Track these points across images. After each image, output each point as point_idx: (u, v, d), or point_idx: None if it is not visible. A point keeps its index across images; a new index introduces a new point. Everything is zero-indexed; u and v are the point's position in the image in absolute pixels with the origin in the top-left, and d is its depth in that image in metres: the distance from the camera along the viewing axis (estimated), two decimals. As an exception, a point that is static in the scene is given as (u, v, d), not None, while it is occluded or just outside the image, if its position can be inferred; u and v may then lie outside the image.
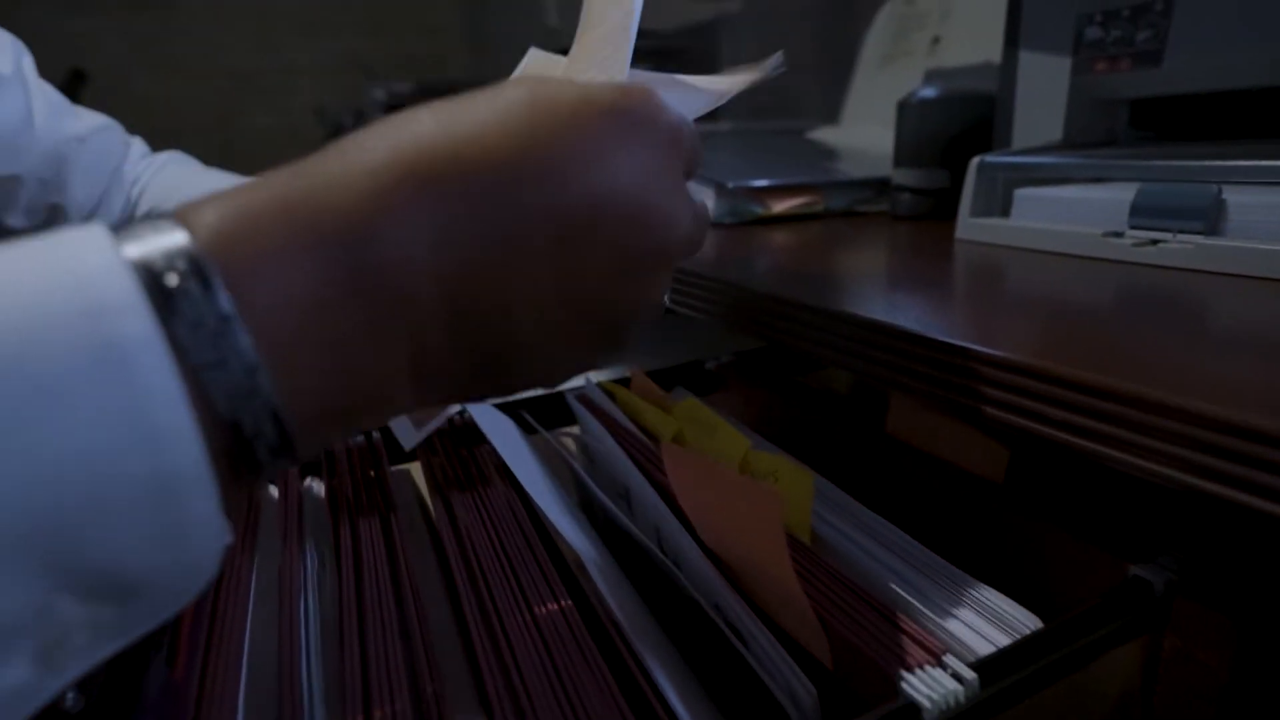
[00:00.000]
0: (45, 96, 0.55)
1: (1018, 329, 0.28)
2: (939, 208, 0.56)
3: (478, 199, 0.18)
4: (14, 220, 0.53)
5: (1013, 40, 0.54)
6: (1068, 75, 0.49)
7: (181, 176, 0.59)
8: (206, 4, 2.36)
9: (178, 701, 0.20)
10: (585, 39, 0.34)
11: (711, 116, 0.39)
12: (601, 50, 0.31)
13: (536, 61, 0.46)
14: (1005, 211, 0.46)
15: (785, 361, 0.51)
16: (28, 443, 0.13)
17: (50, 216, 0.55)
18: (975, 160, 0.46)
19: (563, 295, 0.20)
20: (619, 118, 0.20)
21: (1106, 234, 0.38)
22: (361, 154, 0.18)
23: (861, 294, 0.35)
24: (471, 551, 0.29)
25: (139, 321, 0.14)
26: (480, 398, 0.22)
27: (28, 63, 0.54)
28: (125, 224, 0.16)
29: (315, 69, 2.51)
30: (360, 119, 1.93)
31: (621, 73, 0.28)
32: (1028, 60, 0.53)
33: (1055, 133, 0.51)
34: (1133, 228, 0.37)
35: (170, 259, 0.15)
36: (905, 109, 0.57)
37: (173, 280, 0.14)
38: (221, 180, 0.59)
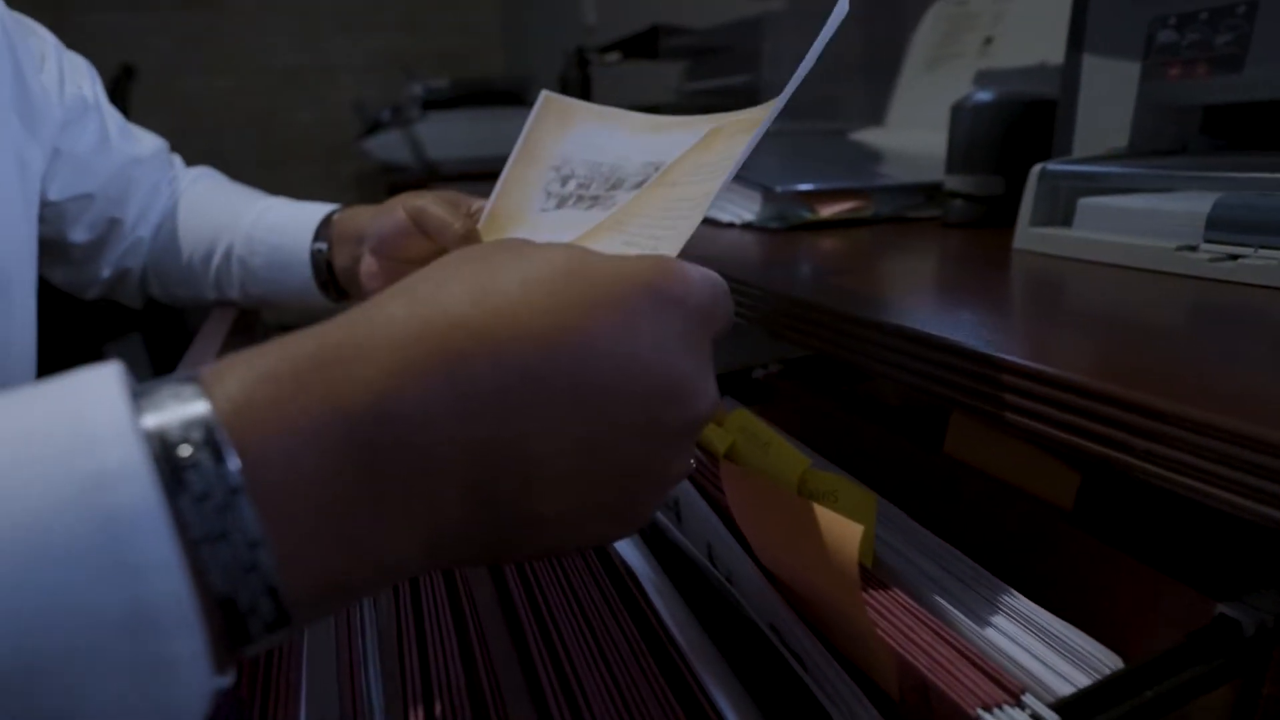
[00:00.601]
0: (114, 119, 0.57)
1: (1088, 348, 0.27)
2: (992, 214, 0.54)
3: (507, 377, 0.18)
4: (77, 236, 0.55)
5: (1076, 43, 0.52)
6: (1136, 80, 0.47)
7: (210, 191, 0.62)
8: (251, 2, 2.40)
9: (245, 717, 0.20)
10: (658, 193, 0.35)
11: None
12: (668, 213, 0.32)
13: (551, 105, 0.46)
14: (1067, 221, 0.45)
15: (834, 371, 0.50)
16: (9, 604, 0.13)
17: (108, 229, 0.57)
18: (1037, 168, 0.45)
19: (587, 472, 0.19)
20: (652, 295, 0.20)
21: (1180, 248, 0.37)
22: (390, 324, 0.18)
23: (918, 306, 0.34)
24: (528, 563, 0.29)
25: (142, 494, 0.14)
26: (491, 563, 0.21)
27: (100, 87, 0.57)
28: (149, 385, 0.16)
29: (355, 66, 2.54)
30: (398, 114, 1.94)
31: (674, 245, 0.29)
32: (1091, 64, 0.51)
33: (1118, 139, 0.49)
34: (1208, 241, 0.36)
35: (187, 429, 0.15)
36: (960, 112, 0.56)
37: (184, 451, 0.14)
38: (245, 195, 0.61)
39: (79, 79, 0.54)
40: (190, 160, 0.65)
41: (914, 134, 0.81)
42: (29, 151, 0.47)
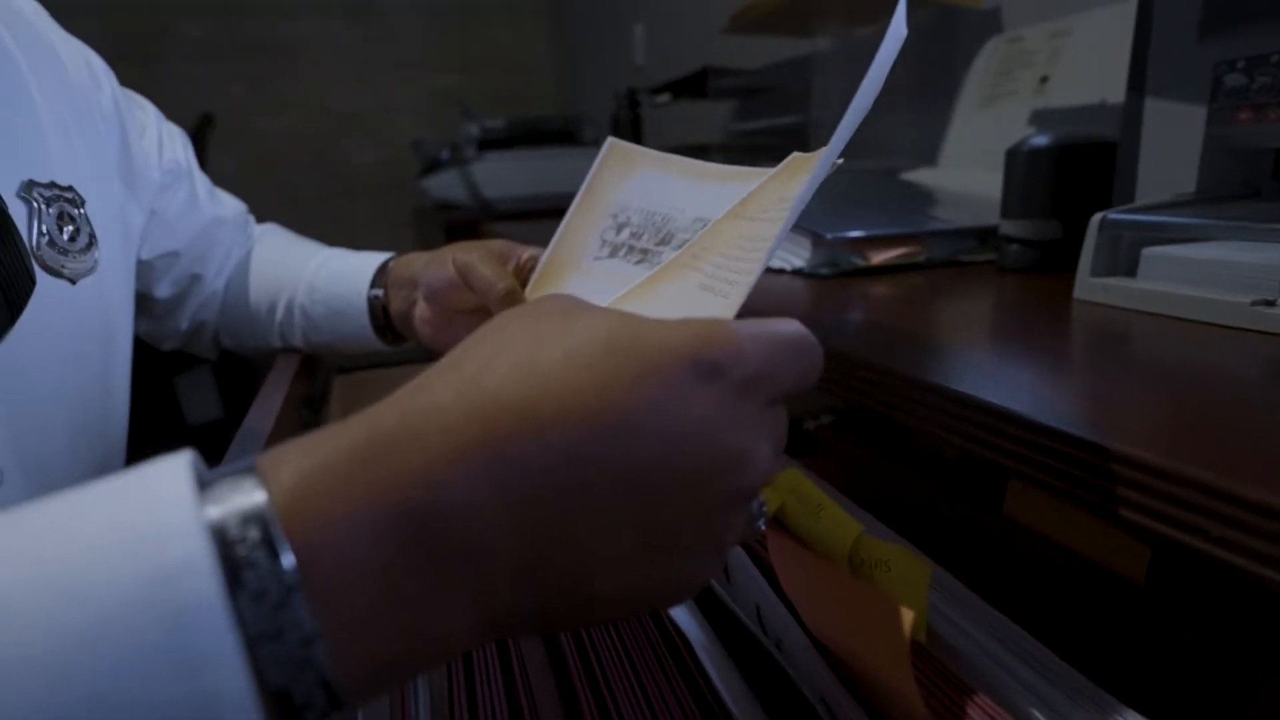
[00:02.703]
0: (203, 182, 0.62)
1: (1159, 418, 0.26)
2: (1049, 259, 0.53)
3: (551, 457, 0.18)
4: (161, 291, 0.59)
5: (1137, 86, 0.51)
6: (1202, 123, 0.46)
7: (274, 247, 0.65)
8: (318, 49, 2.52)
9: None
10: (733, 226, 0.35)
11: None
12: (741, 249, 0.32)
13: (615, 152, 0.47)
14: (1131, 271, 0.43)
15: (887, 423, 0.49)
16: (81, 697, 0.13)
17: (189, 285, 0.61)
18: (1097, 217, 0.44)
19: (638, 547, 0.19)
20: (696, 366, 0.20)
21: (1255, 302, 0.35)
22: (438, 410, 0.18)
23: (970, 363, 0.33)
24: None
25: (206, 591, 0.14)
26: (544, 633, 0.22)
27: (192, 153, 0.61)
28: (214, 474, 0.17)
29: (413, 106, 2.64)
30: (455, 153, 2.00)
31: (746, 287, 0.30)
32: (1154, 107, 0.50)
33: (1182, 183, 0.48)
34: (1286, 297, 0.34)
35: (245, 524, 0.15)
36: (1015, 157, 0.55)
37: (242, 551, 0.15)
38: (305, 248, 0.64)
39: (175, 146, 0.59)
40: (259, 196, 0.69)
41: (968, 173, 0.79)
42: (130, 213, 0.51)
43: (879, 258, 0.57)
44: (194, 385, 1.86)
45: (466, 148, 1.95)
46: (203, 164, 0.63)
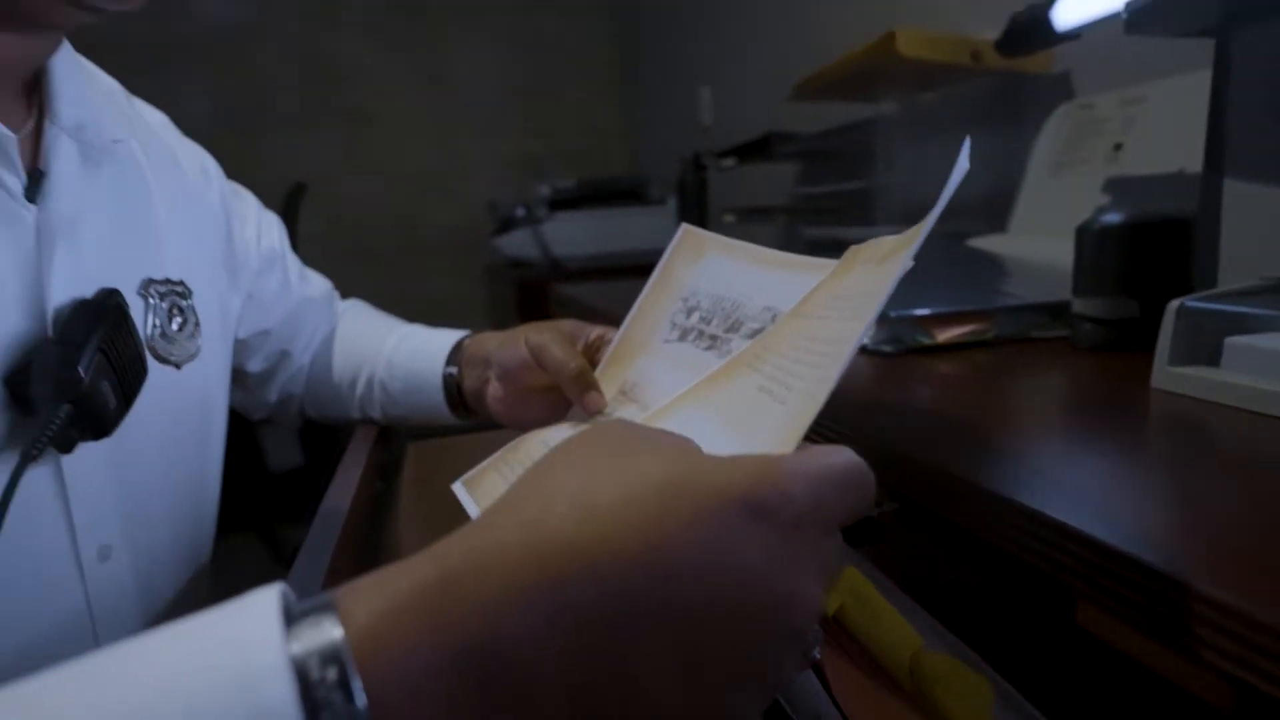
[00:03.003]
0: (294, 264, 0.66)
1: (1237, 540, 0.25)
2: (1125, 338, 0.51)
3: (606, 592, 0.19)
4: (253, 366, 0.64)
5: (1215, 164, 0.49)
6: (1285, 206, 0.44)
7: (355, 324, 0.69)
8: (401, 116, 2.69)
9: None
10: (793, 326, 0.36)
11: (869, 222, 0.40)
12: (805, 351, 0.33)
13: (688, 238, 0.49)
14: (1212, 360, 0.41)
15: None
16: None
17: (279, 360, 0.65)
18: (1174, 305, 0.42)
19: (689, 679, 0.20)
20: (746, 510, 0.21)
21: (1349, 404, 0.33)
22: (499, 549, 0.20)
23: (1036, 465, 0.32)
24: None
25: None
26: None
27: (285, 237, 0.66)
28: (298, 610, 0.18)
29: (489, 167, 2.77)
30: (529, 212, 2.09)
31: (816, 391, 0.29)
32: (1233, 188, 0.48)
33: (1266, 265, 0.46)
34: (1385, 399, 0.32)
35: (325, 664, 0.17)
36: (1085, 235, 0.54)
37: (321, 692, 0.17)
38: (384, 325, 0.68)
39: (271, 233, 0.63)
40: (343, 252, 0.74)
41: (1039, 242, 0.78)
42: (230, 299, 0.56)
43: (945, 335, 0.56)
44: (276, 435, 1.96)
45: (538, 207, 2.03)
46: (294, 227, 0.68)
